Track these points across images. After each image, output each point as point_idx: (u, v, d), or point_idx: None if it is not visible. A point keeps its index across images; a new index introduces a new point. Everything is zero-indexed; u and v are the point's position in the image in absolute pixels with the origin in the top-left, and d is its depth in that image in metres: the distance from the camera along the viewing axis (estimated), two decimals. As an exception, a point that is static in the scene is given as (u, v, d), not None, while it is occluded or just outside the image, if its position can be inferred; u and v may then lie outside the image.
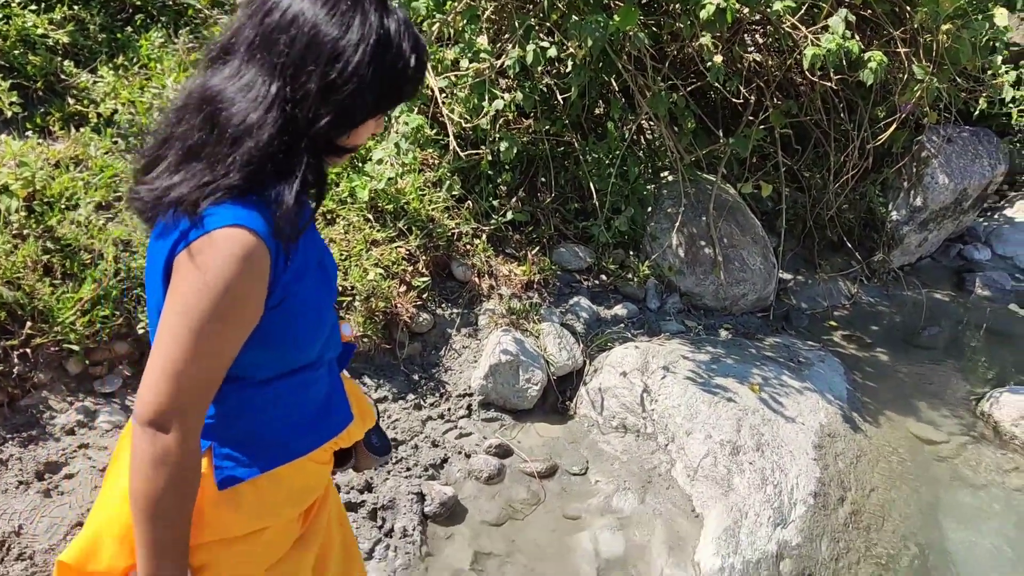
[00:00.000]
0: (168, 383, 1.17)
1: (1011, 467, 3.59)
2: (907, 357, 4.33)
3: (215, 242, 1.15)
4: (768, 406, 3.31)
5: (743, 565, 2.68)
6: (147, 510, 1.20)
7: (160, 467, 1.18)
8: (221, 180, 1.17)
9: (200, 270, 1.15)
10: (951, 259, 5.57)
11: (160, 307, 1.21)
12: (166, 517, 1.22)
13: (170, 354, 1.17)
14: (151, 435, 1.18)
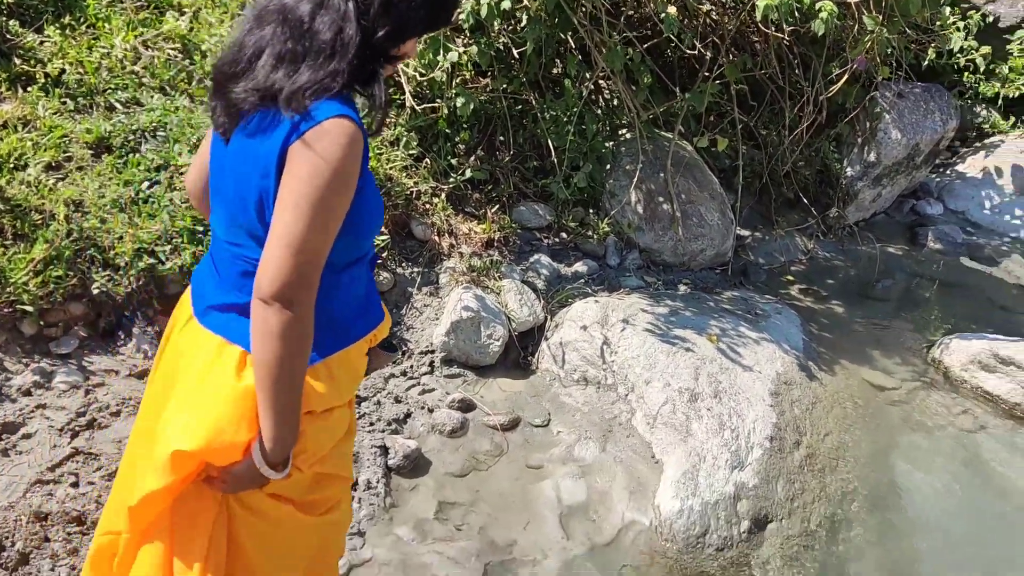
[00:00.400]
0: (293, 258, 1.32)
1: (960, 410, 3.69)
2: (861, 309, 4.42)
3: (327, 130, 1.32)
4: (726, 356, 3.37)
5: (701, 507, 2.75)
6: (275, 378, 1.36)
7: (287, 338, 1.34)
8: (324, 81, 1.34)
9: (317, 154, 1.32)
10: (904, 214, 5.68)
11: (249, 198, 1.40)
12: (290, 383, 1.38)
13: (294, 231, 1.32)
14: (278, 309, 1.33)
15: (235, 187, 1.44)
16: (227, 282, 1.50)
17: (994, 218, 5.71)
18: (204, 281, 1.58)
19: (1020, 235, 5.60)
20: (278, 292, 1.33)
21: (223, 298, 1.50)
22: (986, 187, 5.81)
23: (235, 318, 1.48)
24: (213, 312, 1.50)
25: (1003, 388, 3.71)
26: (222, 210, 1.49)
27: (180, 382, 1.51)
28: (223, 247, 1.51)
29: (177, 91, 3.55)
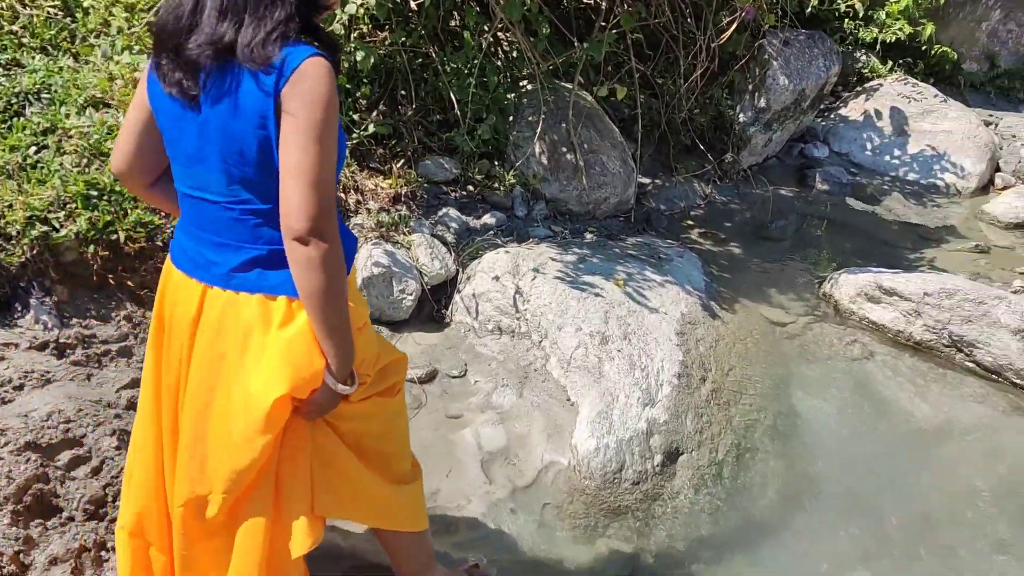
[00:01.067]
0: (314, 192, 1.43)
1: (850, 340, 3.93)
2: (757, 249, 4.62)
3: (308, 70, 1.44)
4: (633, 299, 3.48)
5: (616, 443, 2.86)
6: (326, 304, 1.49)
7: (328, 267, 1.46)
8: (280, 29, 1.44)
9: (308, 93, 1.43)
10: (793, 157, 5.93)
11: (248, 152, 1.48)
12: (339, 306, 1.51)
13: (309, 167, 1.43)
14: (315, 243, 1.44)
15: (228, 145, 1.49)
16: (237, 241, 1.57)
17: (875, 159, 6.02)
18: (199, 252, 1.61)
19: (899, 174, 5.93)
20: (311, 227, 1.43)
21: (240, 257, 1.58)
22: (867, 129, 6.11)
23: (261, 272, 1.58)
24: (237, 275, 1.58)
25: (887, 317, 3.96)
26: (211, 173, 1.53)
27: (239, 353, 1.58)
28: (218, 210, 1.57)
29: (60, 51, 3.38)
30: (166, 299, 1.70)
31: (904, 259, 4.73)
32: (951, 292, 3.78)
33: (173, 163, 1.62)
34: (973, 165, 5.87)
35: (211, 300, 1.60)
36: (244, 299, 1.58)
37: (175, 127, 1.55)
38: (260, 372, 1.56)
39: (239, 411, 1.58)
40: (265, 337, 1.57)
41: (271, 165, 1.49)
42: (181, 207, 1.66)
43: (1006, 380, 3.68)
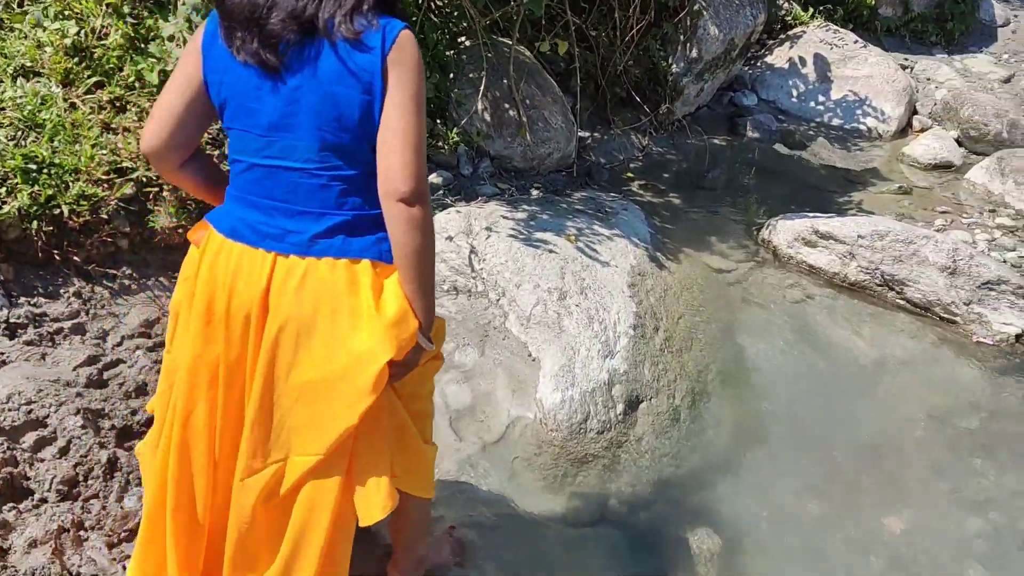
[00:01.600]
0: (417, 157, 1.52)
1: (790, 283, 4.09)
2: (696, 199, 4.74)
3: (407, 39, 1.53)
4: (585, 254, 3.55)
5: (580, 395, 2.94)
6: (425, 264, 1.59)
7: (427, 229, 1.56)
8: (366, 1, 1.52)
9: (410, 60, 1.53)
10: (724, 106, 6.06)
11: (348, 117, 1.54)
12: (432, 266, 1.62)
13: (413, 132, 1.52)
14: (419, 207, 1.53)
15: (327, 112, 1.54)
16: (320, 208, 1.60)
17: (801, 105, 6.19)
18: (268, 221, 1.62)
19: (824, 120, 6.12)
20: (415, 190, 1.51)
21: (323, 224, 1.60)
22: (792, 76, 6.27)
23: (345, 238, 1.61)
24: (320, 241, 1.59)
25: (823, 260, 4.13)
26: (300, 140, 1.57)
27: (329, 318, 1.59)
28: (301, 177, 1.60)
29: (-20, 17, 3.21)
30: (218, 280, 1.64)
31: (833, 203, 4.91)
32: (882, 233, 3.96)
33: (241, 134, 1.62)
34: (892, 109, 6.09)
35: (287, 269, 1.60)
36: (328, 264, 1.59)
37: (252, 96, 1.57)
38: (363, 335, 1.58)
39: (341, 374, 1.59)
40: (356, 300, 1.60)
41: (368, 130, 1.55)
42: (242, 179, 1.65)
43: (934, 315, 3.90)
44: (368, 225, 1.62)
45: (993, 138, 5.92)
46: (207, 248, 1.68)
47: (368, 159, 1.58)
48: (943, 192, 5.35)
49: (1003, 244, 4.64)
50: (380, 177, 1.54)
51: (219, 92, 1.60)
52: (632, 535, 2.63)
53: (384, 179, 1.53)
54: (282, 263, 1.60)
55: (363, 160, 1.58)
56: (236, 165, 1.66)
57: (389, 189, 1.52)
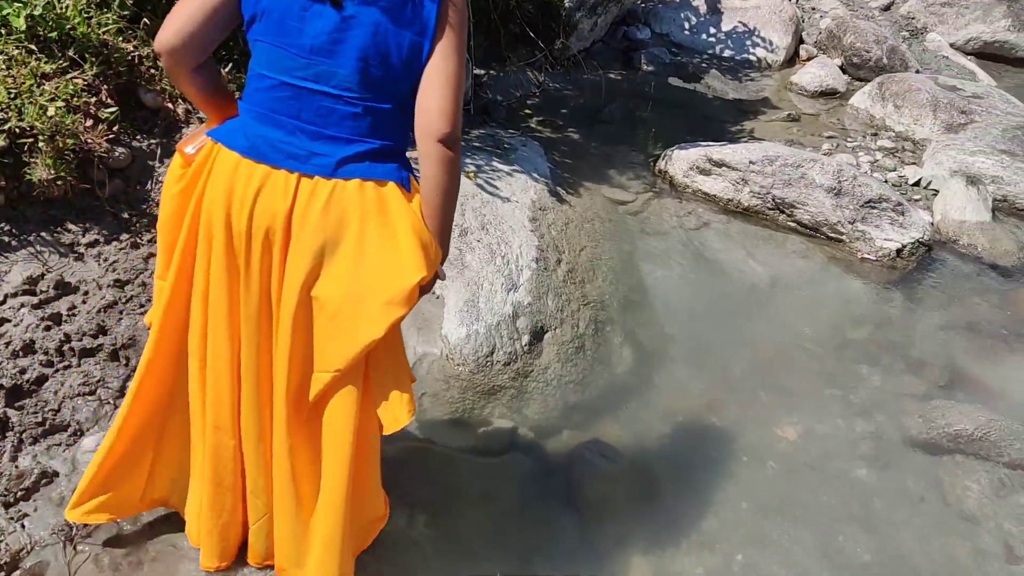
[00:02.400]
0: (458, 101, 1.61)
1: (686, 212, 4.20)
2: (593, 133, 4.78)
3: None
4: (485, 190, 3.55)
5: (485, 329, 2.97)
6: (451, 201, 1.70)
7: (457, 168, 1.67)
8: None
9: (461, 9, 1.61)
10: (619, 40, 6.08)
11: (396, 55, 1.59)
12: (455, 203, 1.73)
13: (458, 77, 1.60)
14: (454, 149, 1.63)
15: (376, 46, 1.59)
16: (351, 134, 1.64)
17: (693, 38, 6.27)
18: (293, 142, 1.65)
19: (716, 51, 6.22)
20: (453, 133, 1.61)
21: (352, 150, 1.65)
22: (684, 9, 6.34)
23: (371, 164, 1.66)
24: (347, 165, 1.64)
25: (718, 188, 4.24)
26: (341, 68, 1.60)
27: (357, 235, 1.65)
28: (336, 103, 1.63)
29: None
30: (235, 198, 1.67)
31: (727, 132, 5.03)
32: (772, 159, 4.09)
33: (275, 50, 1.62)
34: (780, 39, 6.24)
35: (313, 189, 1.65)
36: (356, 185, 1.65)
37: (295, 15, 1.59)
38: (398, 252, 1.66)
39: (367, 291, 1.66)
40: (386, 219, 1.66)
41: (412, 71, 1.62)
42: (267, 95, 1.66)
43: (823, 235, 4.07)
44: (390, 154, 1.69)
45: (874, 64, 6.14)
46: (216, 165, 1.69)
47: (402, 96, 1.65)
48: (829, 118, 5.53)
49: (884, 165, 4.85)
50: (420, 117, 1.61)
51: (256, 3, 1.59)
52: (541, 462, 2.70)
53: (425, 120, 1.60)
54: (306, 183, 1.65)
55: (398, 96, 1.65)
56: (262, 80, 1.65)
57: (431, 129, 1.59)
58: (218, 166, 1.69)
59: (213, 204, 1.69)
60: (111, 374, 2.61)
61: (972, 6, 7.19)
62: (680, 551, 2.50)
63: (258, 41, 1.64)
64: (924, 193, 4.64)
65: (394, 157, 1.71)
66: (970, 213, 4.32)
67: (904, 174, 4.76)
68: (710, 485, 2.74)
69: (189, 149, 1.76)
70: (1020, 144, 4.77)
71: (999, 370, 3.42)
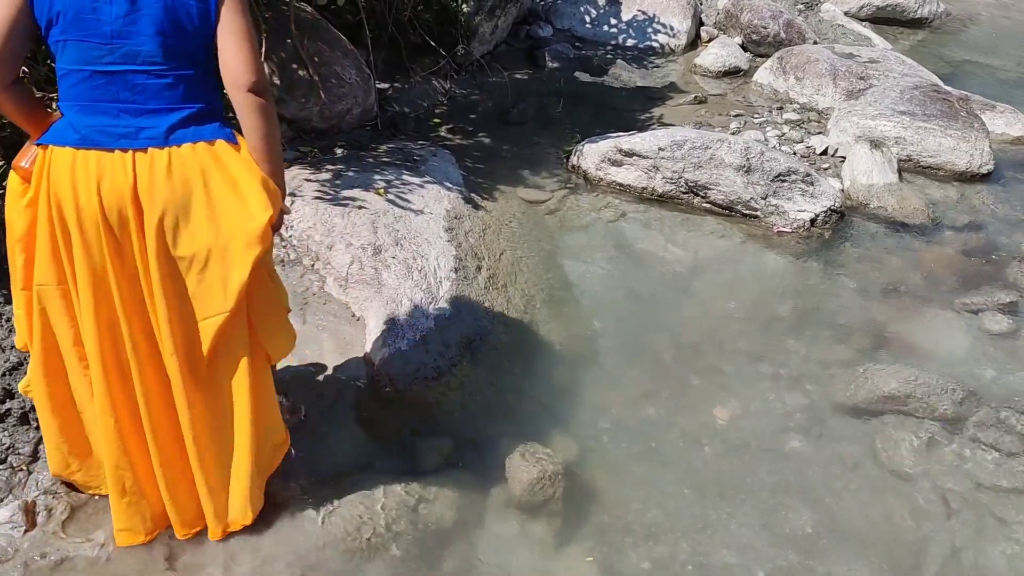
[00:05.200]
0: (256, 52, 1.82)
1: (602, 205, 4.21)
2: (504, 135, 4.76)
3: None
4: (396, 205, 3.50)
5: (408, 346, 2.92)
6: (276, 143, 1.90)
7: (272, 112, 1.87)
8: None
9: None
10: (522, 40, 6.08)
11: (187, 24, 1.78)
12: (279, 144, 1.93)
13: (249, 31, 1.81)
14: (267, 97, 1.83)
15: (167, 19, 1.76)
16: (170, 104, 1.82)
17: (595, 30, 6.31)
18: (118, 124, 1.80)
19: (619, 42, 6.27)
20: (260, 79, 1.81)
21: (175, 117, 1.83)
22: (583, 3, 6.37)
23: (195, 128, 1.85)
24: (176, 131, 1.83)
25: (631, 177, 4.26)
26: (142, 46, 1.77)
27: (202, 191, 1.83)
28: (147, 78, 1.80)
29: None
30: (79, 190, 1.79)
31: (636, 121, 5.06)
32: (680, 143, 4.12)
33: (79, 44, 1.76)
34: (680, 23, 6.31)
35: (151, 161, 1.81)
36: (189, 148, 1.83)
37: (88, 9, 1.74)
38: (243, 204, 1.86)
39: (228, 237, 1.86)
40: (224, 172, 1.86)
41: (205, 34, 1.80)
42: (82, 87, 1.80)
43: (737, 213, 4.12)
44: (209, 115, 1.88)
45: (773, 39, 6.25)
46: (52, 166, 1.81)
47: (203, 60, 1.85)
48: (735, 96, 5.61)
49: (792, 137, 4.94)
50: (225, 73, 1.81)
51: (50, 7, 1.74)
52: (479, 473, 2.66)
53: (231, 74, 1.80)
54: (142, 158, 1.80)
55: (200, 61, 1.84)
56: (73, 76, 1.80)
57: (238, 82, 1.80)
58: (55, 166, 1.81)
59: (62, 200, 1.81)
60: (21, 439, 2.50)
61: (861, -26, 7.39)
62: (626, 546, 2.49)
63: (60, 41, 1.77)
64: (832, 161, 4.73)
65: (213, 117, 1.89)
66: (877, 176, 4.42)
67: (811, 144, 4.85)
68: (650, 476, 2.74)
69: (24, 164, 1.87)
70: (918, 104, 4.89)
71: (919, 328, 3.49)
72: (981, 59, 6.90)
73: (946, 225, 4.24)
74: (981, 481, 2.77)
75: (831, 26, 6.93)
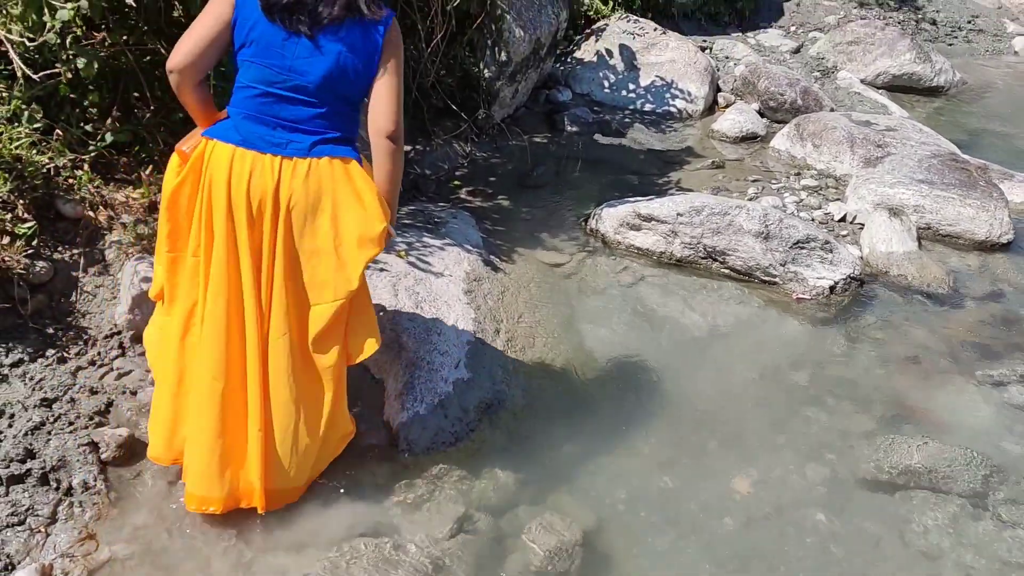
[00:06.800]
0: (400, 108, 2.25)
1: (620, 268, 4.22)
2: (524, 198, 4.81)
3: (396, 25, 2.25)
4: (417, 268, 3.53)
5: (427, 410, 2.92)
6: (397, 180, 2.34)
7: (401, 158, 2.32)
8: None
9: (397, 40, 2.25)
10: (541, 104, 6.18)
11: (351, 74, 2.20)
12: (400, 182, 2.37)
13: (398, 91, 2.24)
14: (397, 143, 2.26)
15: (338, 69, 2.18)
16: (318, 128, 2.23)
17: (614, 95, 6.41)
18: (275, 134, 2.23)
19: (637, 106, 6.36)
20: (396, 130, 2.24)
21: (319, 138, 2.24)
22: (602, 68, 6.48)
23: (333, 147, 2.26)
24: (316, 147, 2.24)
25: (649, 241, 4.28)
26: (312, 84, 2.19)
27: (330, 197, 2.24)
28: (308, 107, 2.22)
29: None
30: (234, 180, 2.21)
31: (655, 184, 5.11)
32: (699, 209, 4.15)
33: (261, 68, 2.20)
34: (698, 89, 6.40)
35: (293, 167, 2.22)
36: (327, 162, 2.24)
37: (279, 44, 2.18)
38: (364, 212, 2.27)
39: (348, 236, 2.27)
40: (353, 184, 2.26)
41: (364, 83, 2.22)
42: (254, 102, 2.23)
43: (756, 279, 4.12)
44: (346, 141, 2.30)
45: (790, 106, 6.33)
46: (215, 159, 2.23)
47: (355, 102, 2.28)
48: (753, 162, 5.67)
49: (809, 204, 4.96)
50: (372, 119, 2.23)
51: (247, 35, 2.18)
52: (495, 542, 2.63)
53: (375, 121, 2.23)
54: (287, 164, 2.22)
55: (352, 103, 2.28)
56: (249, 91, 2.24)
57: (379, 128, 2.23)
58: (215, 157, 2.24)
59: (217, 185, 2.22)
60: (40, 500, 2.50)
61: (877, 42, 7.50)
62: (644, 621, 2.44)
63: (246, 62, 2.22)
64: (851, 228, 4.74)
65: (349, 143, 2.31)
66: (896, 244, 4.42)
67: (830, 211, 4.87)
68: (670, 548, 2.70)
69: (186, 148, 2.30)
70: (937, 173, 4.92)
71: (941, 399, 3.46)
72: (998, 128, 6.94)
73: (967, 294, 4.22)
74: (1007, 560, 2.72)
75: (848, 94, 7.01)
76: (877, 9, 9.08)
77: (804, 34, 8.07)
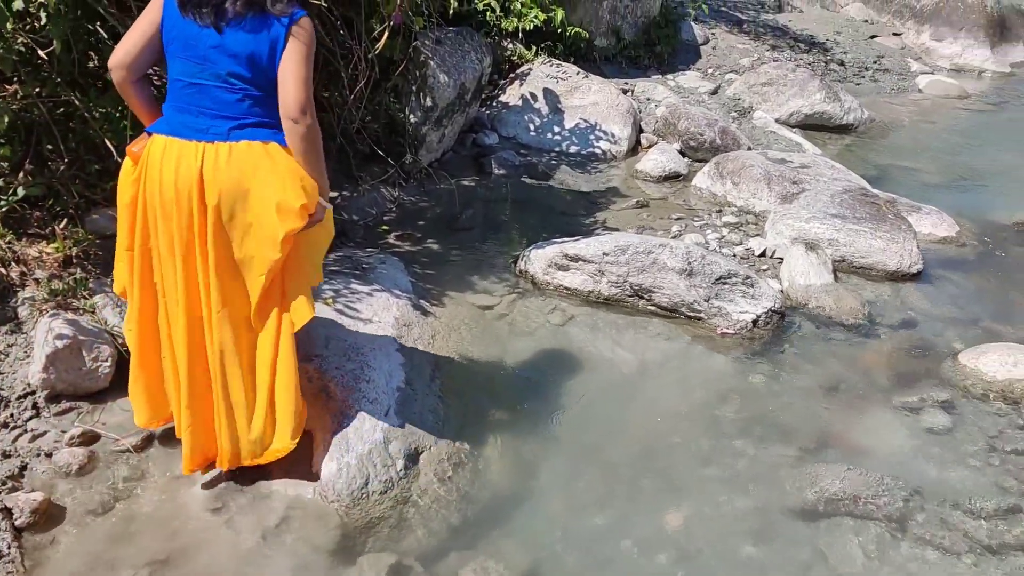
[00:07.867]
0: (307, 90, 2.38)
1: (550, 309, 4.26)
2: (453, 241, 4.83)
3: (304, 22, 2.40)
4: (345, 315, 3.51)
5: (357, 460, 2.88)
6: (313, 156, 2.47)
7: (312, 136, 2.43)
8: None
9: (305, 32, 2.39)
10: (468, 148, 6.24)
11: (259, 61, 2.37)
12: (319, 158, 2.50)
13: (303, 75, 2.37)
14: (311, 118, 2.39)
15: (243, 55, 2.36)
16: (235, 114, 2.41)
17: (539, 138, 6.51)
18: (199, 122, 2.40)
19: (562, 148, 6.47)
20: (301, 112, 2.37)
21: (236, 123, 2.41)
22: (527, 112, 6.59)
23: (252, 130, 2.43)
24: (235, 132, 2.41)
25: (577, 281, 4.34)
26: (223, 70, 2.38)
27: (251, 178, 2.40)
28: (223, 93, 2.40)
29: None
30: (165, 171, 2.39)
31: (582, 225, 5.19)
32: (624, 248, 4.22)
33: (183, 61, 2.40)
34: (621, 130, 6.55)
35: (215, 151, 2.38)
36: (246, 145, 2.41)
37: (191, 36, 2.37)
38: (283, 188, 2.41)
39: (271, 210, 2.40)
40: (273, 165, 2.42)
41: (271, 68, 2.38)
42: (181, 94, 2.42)
43: (682, 315, 4.21)
44: (265, 125, 2.45)
45: (709, 145, 6.52)
46: (151, 151, 2.42)
47: (268, 86, 2.42)
48: (676, 200, 5.80)
49: (731, 240, 5.10)
50: (280, 105, 2.38)
51: (170, 31, 2.40)
52: (429, 590, 2.60)
53: (282, 105, 2.37)
54: (210, 149, 2.38)
55: (263, 87, 2.42)
56: (177, 83, 2.43)
57: (286, 112, 2.37)
58: (152, 150, 2.42)
59: (151, 177, 2.41)
60: None
61: (789, 83, 7.80)
62: (581, 664, 2.43)
63: (172, 57, 2.42)
64: (771, 263, 4.88)
65: (268, 127, 2.45)
66: (814, 277, 4.57)
67: (750, 246, 5.01)
68: (604, 587, 2.70)
69: (135, 149, 2.47)
70: (848, 207, 5.12)
71: (861, 427, 3.56)
72: (905, 163, 7.26)
73: (881, 324, 4.38)
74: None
75: (764, 132, 7.26)
76: (788, 52, 9.46)
77: (721, 76, 8.35)
